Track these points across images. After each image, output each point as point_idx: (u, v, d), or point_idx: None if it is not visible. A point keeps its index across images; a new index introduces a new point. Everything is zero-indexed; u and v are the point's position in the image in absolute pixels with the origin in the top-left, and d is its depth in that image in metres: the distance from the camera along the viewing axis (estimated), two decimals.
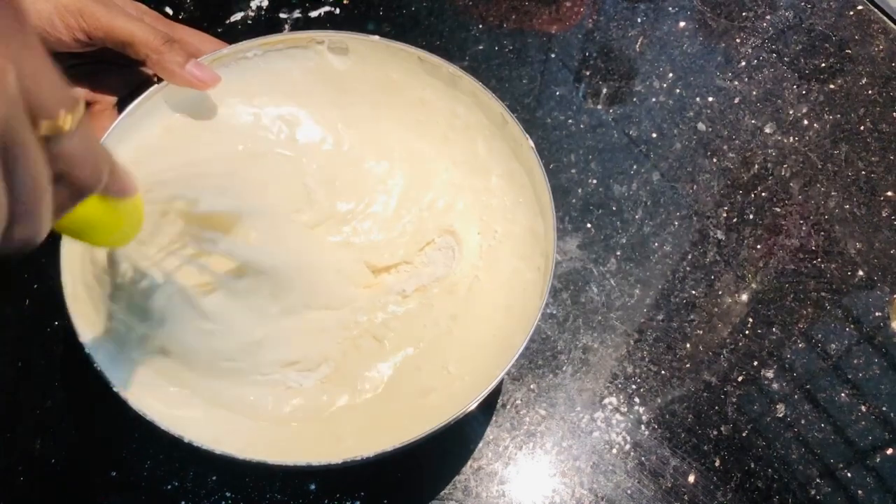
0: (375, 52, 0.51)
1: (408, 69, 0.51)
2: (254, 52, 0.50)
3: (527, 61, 0.67)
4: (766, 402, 0.54)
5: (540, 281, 0.46)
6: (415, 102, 0.53)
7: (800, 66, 0.69)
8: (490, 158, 0.51)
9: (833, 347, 0.56)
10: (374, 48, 0.51)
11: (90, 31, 0.44)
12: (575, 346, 0.54)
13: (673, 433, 0.52)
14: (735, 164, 0.64)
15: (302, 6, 0.67)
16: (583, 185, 0.61)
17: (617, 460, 0.51)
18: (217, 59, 0.48)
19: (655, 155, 0.64)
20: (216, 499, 0.47)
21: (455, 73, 0.49)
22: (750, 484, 0.51)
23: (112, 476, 0.48)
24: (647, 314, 0.56)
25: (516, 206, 0.50)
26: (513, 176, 0.50)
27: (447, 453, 0.50)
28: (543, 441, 0.51)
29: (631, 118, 0.65)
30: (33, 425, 0.49)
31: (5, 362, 0.50)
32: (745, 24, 0.72)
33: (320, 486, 0.48)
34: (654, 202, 0.61)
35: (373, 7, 0.69)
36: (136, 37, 0.45)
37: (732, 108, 0.67)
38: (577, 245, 0.59)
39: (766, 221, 0.61)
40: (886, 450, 0.53)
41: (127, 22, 0.45)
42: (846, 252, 0.60)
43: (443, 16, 0.69)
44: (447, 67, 0.49)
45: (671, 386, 0.54)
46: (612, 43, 0.69)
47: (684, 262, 0.59)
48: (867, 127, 0.66)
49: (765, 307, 0.57)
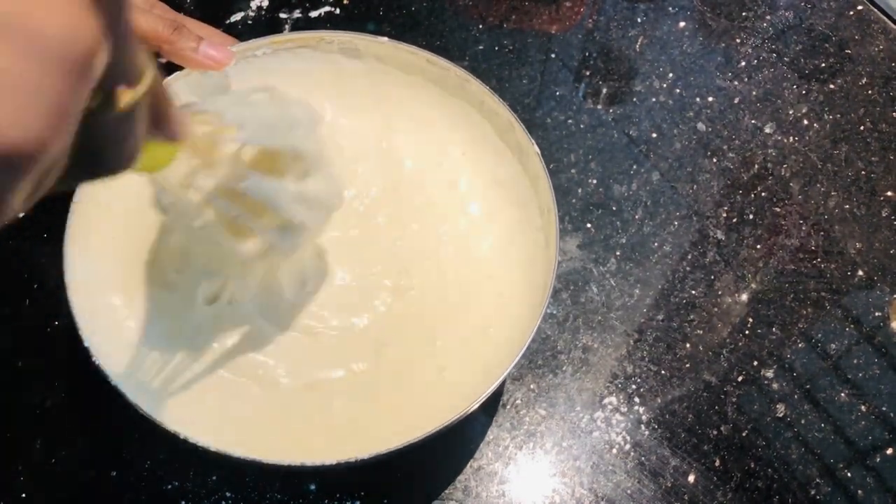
0: (384, 55, 0.51)
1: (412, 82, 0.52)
2: (262, 50, 0.50)
3: (527, 61, 0.67)
4: (766, 402, 0.54)
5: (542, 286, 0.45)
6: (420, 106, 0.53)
7: (800, 66, 0.69)
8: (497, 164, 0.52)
9: (833, 347, 0.56)
10: (382, 50, 0.51)
11: None
12: (575, 345, 0.54)
13: (673, 433, 0.52)
14: (735, 164, 0.64)
15: (302, 6, 0.67)
16: (583, 185, 0.61)
17: (617, 460, 0.51)
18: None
19: (655, 155, 0.64)
20: (216, 499, 0.47)
21: (464, 77, 0.49)
22: (750, 484, 0.51)
23: (112, 476, 0.48)
24: (647, 314, 0.56)
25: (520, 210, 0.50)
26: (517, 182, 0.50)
27: (447, 453, 0.50)
28: (543, 441, 0.51)
29: (631, 118, 0.65)
30: (33, 425, 0.49)
31: (5, 362, 0.50)
32: (745, 24, 0.72)
33: (320, 486, 0.48)
34: (654, 202, 0.61)
35: (373, 7, 0.69)
36: (145, 31, 0.45)
37: (732, 108, 0.67)
38: (577, 245, 0.59)
39: (766, 221, 0.61)
40: (886, 450, 0.53)
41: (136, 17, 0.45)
42: (846, 252, 0.60)
43: (443, 16, 0.69)
44: (455, 70, 0.49)
45: (671, 386, 0.54)
46: (612, 43, 0.69)
47: (684, 262, 0.59)
48: (867, 127, 0.66)
49: (765, 307, 0.57)
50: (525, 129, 0.48)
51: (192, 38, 0.46)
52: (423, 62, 0.50)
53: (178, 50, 0.45)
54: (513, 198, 0.51)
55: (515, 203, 0.51)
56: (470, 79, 0.49)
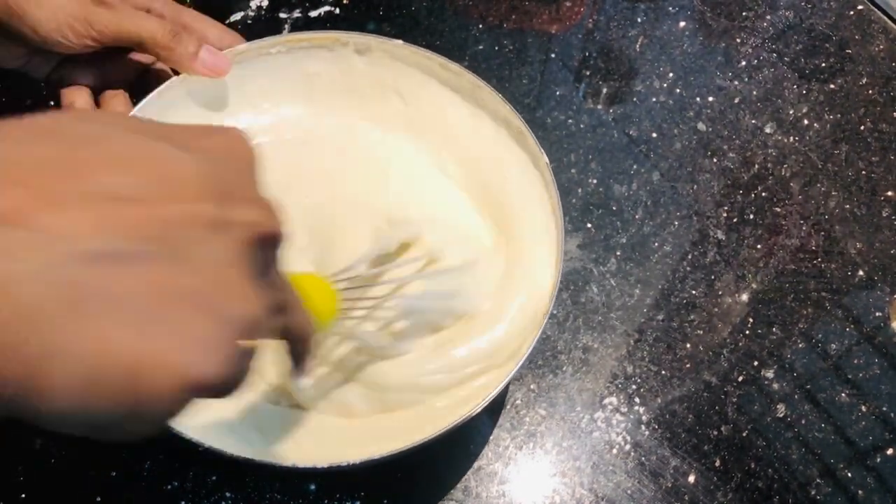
0: (394, 57, 0.51)
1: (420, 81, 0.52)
2: (277, 48, 0.50)
3: (527, 61, 0.67)
4: (766, 402, 0.54)
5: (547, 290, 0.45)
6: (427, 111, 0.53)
7: (800, 65, 0.69)
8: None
9: (833, 347, 0.56)
10: (395, 52, 0.51)
11: (99, 37, 0.44)
12: (575, 346, 0.54)
13: (673, 433, 0.52)
14: (735, 164, 0.64)
15: (302, 6, 0.67)
16: (583, 185, 0.61)
17: (617, 460, 0.51)
18: (238, 54, 0.49)
19: (655, 155, 0.64)
20: (216, 499, 0.47)
21: (476, 83, 0.49)
22: (750, 484, 0.51)
23: (112, 476, 0.48)
24: (647, 314, 0.56)
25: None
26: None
27: (447, 453, 0.50)
28: (543, 441, 0.51)
29: (631, 118, 0.65)
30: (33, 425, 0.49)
31: None
32: (745, 24, 0.72)
33: (320, 487, 0.48)
34: (654, 202, 0.61)
35: (373, 7, 0.69)
36: (143, 36, 0.45)
37: (732, 107, 0.67)
38: (577, 245, 0.59)
39: (766, 221, 0.61)
40: (886, 450, 0.53)
41: (133, 22, 0.44)
42: (846, 252, 0.60)
43: (443, 16, 0.69)
44: (468, 76, 0.49)
45: (671, 386, 0.54)
46: (612, 43, 0.69)
47: (684, 262, 0.59)
48: (867, 127, 0.66)
49: (765, 307, 0.57)
50: (535, 139, 0.47)
51: (191, 43, 0.46)
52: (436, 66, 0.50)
53: (175, 56, 0.45)
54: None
55: None
56: (482, 84, 0.49)
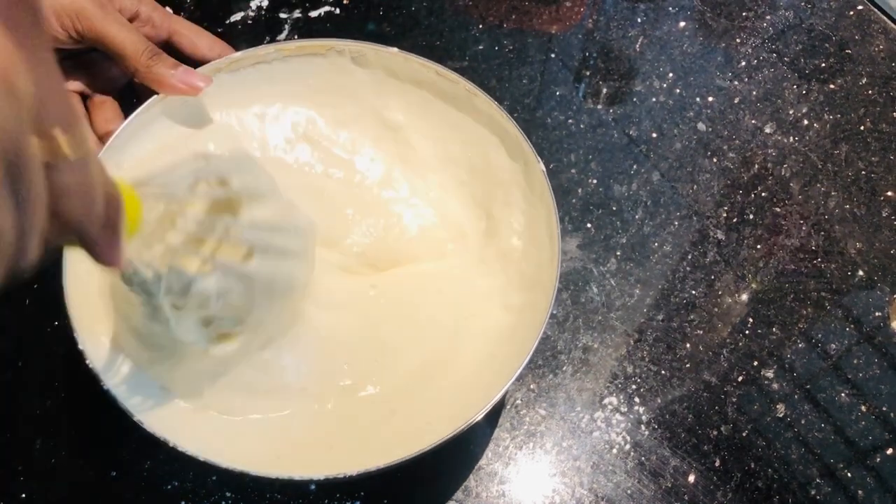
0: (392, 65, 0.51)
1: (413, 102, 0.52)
2: (271, 56, 0.50)
3: (527, 61, 0.67)
4: (766, 402, 0.54)
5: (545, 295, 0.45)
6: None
7: (800, 66, 0.69)
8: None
9: (833, 347, 0.56)
10: (390, 61, 0.51)
11: (84, 32, 0.44)
12: (575, 346, 0.54)
13: (673, 433, 0.52)
14: (735, 164, 0.64)
15: (302, 6, 0.67)
16: (583, 185, 0.61)
17: (617, 460, 0.51)
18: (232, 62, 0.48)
19: (655, 155, 0.64)
20: (216, 499, 0.47)
21: (472, 91, 0.49)
22: (750, 484, 0.51)
23: (112, 476, 0.48)
24: (647, 314, 0.56)
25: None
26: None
27: (447, 453, 0.50)
28: (543, 441, 0.51)
29: (631, 118, 0.65)
30: (33, 425, 0.49)
31: (5, 362, 0.50)
32: (745, 24, 0.72)
33: (320, 487, 0.48)
34: (654, 202, 0.61)
35: (373, 7, 0.69)
36: (124, 50, 0.44)
37: (732, 108, 0.67)
38: (577, 245, 0.59)
39: (766, 221, 0.61)
40: (886, 450, 0.53)
41: (119, 31, 0.44)
42: (846, 252, 0.60)
43: (443, 16, 0.69)
44: (464, 84, 0.49)
45: (671, 386, 0.54)
46: (612, 43, 0.69)
47: (684, 262, 0.59)
48: (867, 127, 0.66)
49: (765, 307, 0.57)
50: (532, 146, 0.47)
51: (168, 63, 0.45)
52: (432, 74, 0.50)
53: (152, 75, 0.45)
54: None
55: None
56: (477, 92, 0.49)
